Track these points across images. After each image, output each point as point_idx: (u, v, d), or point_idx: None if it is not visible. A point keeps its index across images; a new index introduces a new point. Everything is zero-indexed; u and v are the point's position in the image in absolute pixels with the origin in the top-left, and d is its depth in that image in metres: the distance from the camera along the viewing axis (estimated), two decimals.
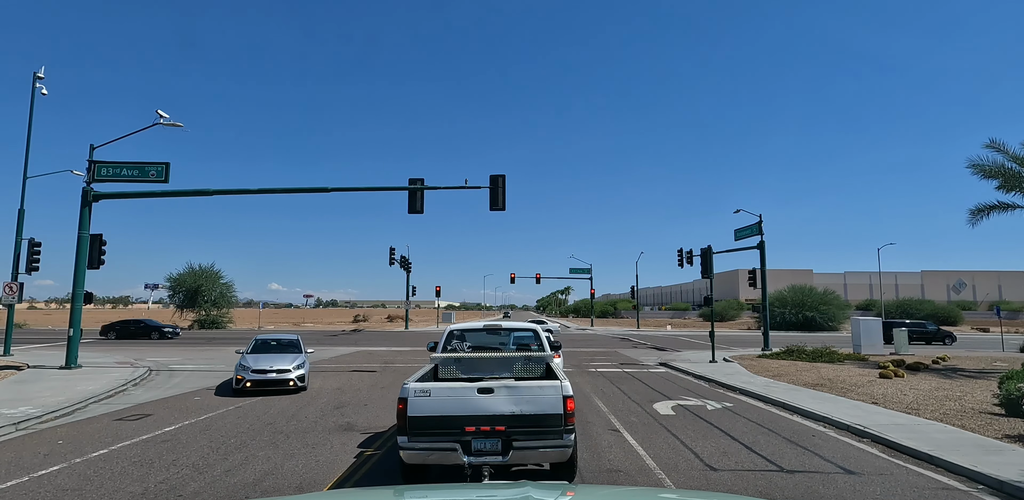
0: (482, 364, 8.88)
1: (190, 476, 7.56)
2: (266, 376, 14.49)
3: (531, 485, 2.79)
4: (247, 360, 15.06)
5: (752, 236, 30.75)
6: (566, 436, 6.42)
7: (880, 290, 60.42)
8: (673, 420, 11.49)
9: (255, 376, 14.48)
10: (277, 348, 16.50)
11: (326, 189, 21.90)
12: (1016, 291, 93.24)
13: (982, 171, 19.78)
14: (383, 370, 20.69)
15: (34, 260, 23.57)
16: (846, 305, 63.61)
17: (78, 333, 19.68)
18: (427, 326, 63.73)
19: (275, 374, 14.56)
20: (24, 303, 33.65)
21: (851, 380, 16.68)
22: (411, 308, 58.89)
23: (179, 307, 56.39)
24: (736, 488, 7.11)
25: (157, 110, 20.74)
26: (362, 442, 9.51)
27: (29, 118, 23.93)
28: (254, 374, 14.51)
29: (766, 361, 23.10)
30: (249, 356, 15.49)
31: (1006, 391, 11.87)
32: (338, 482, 7.35)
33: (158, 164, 20.23)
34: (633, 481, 7.39)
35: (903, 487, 7.18)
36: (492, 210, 21.11)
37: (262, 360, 15.07)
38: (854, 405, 12.72)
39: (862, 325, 27.24)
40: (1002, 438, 9.43)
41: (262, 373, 14.52)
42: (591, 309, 75.59)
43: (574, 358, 24.89)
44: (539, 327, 10.46)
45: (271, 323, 68.82)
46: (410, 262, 56.14)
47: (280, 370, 14.68)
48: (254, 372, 14.53)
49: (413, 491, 3.17)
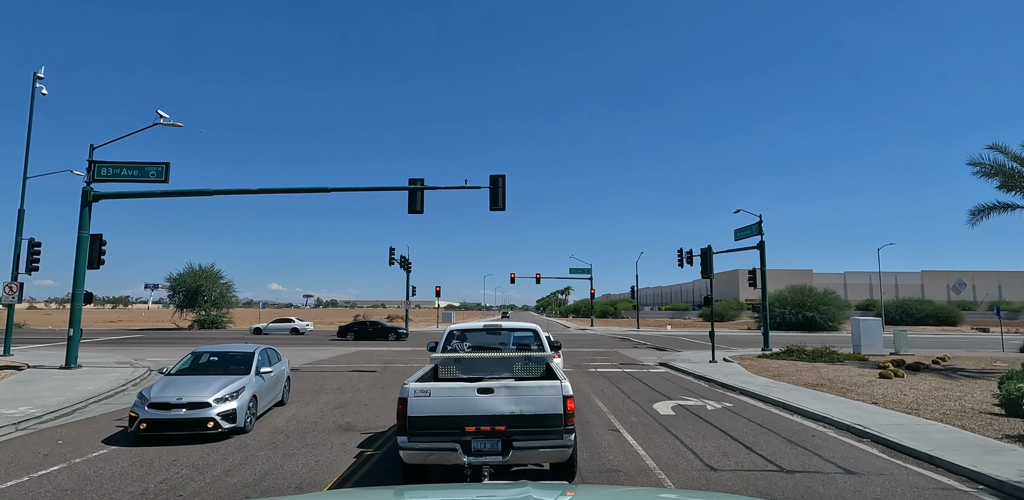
0: (482, 364, 8.88)
1: (190, 476, 7.56)
2: (169, 413, 9.43)
3: (531, 485, 2.79)
4: (152, 387, 10.24)
5: (752, 236, 30.73)
6: (566, 436, 6.43)
7: (880, 290, 60.24)
8: (673, 420, 11.49)
9: (153, 413, 9.44)
10: (215, 367, 11.57)
11: (326, 189, 21.89)
12: (1016, 291, 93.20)
13: (983, 170, 19.78)
14: (383, 370, 20.69)
15: (34, 260, 23.56)
16: (846, 305, 63.55)
17: (78, 333, 19.68)
18: (427, 326, 63.73)
19: (184, 410, 9.50)
20: (24, 303, 33.66)
21: (851, 380, 16.67)
22: (411, 308, 58.81)
23: (179, 307, 56.35)
24: (736, 488, 7.12)
25: (157, 110, 20.76)
26: (362, 442, 9.51)
27: (29, 118, 23.94)
28: (152, 410, 9.46)
29: (766, 361, 23.09)
30: (165, 380, 10.71)
31: (1006, 391, 11.87)
32: (338, 482, 7.35)
33: (158, 164, 20.22)
34: (633, 481, 7.39)
35: (903, 487, 7.18)
36: (492, 210, 21.09)
37: (173, 387, 10.13)
38: (854, 405, 12.72)
39: (862, 325, 27.22)
40: (1002, 438, 9.43)
41: (163, 408, 9.49)
42: (591, 309, 75.51)
43: (574, 358, 24.88)
44: (539, 327, 10.46)
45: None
46: (410, 262, 56.11)
47: (193, 404, 9.58)
48: (152, 408, 9.49)
49: (413, 491, 3.17)
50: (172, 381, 10.54)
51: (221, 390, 10.06)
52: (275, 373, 12.21)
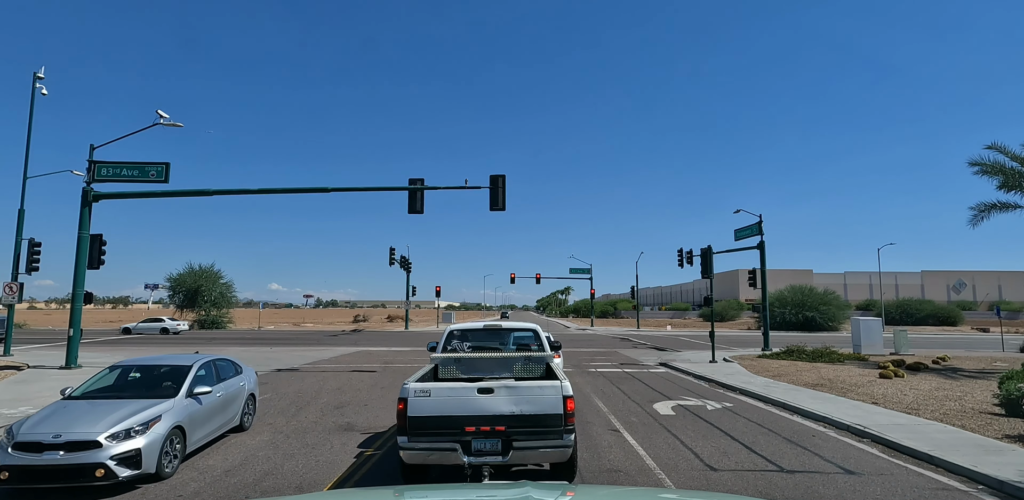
0: (482, 364, 8.88)
1: (190, 476, 7.56)
2: (40, 458, 6.62)
3: (531, 485, 2.80)
4: (30, 418, 7.44)
5: (752, 236, 30.73)
6: (566, 436, 6.43)
7: (880, 290, 60.31)
8: (673, 420, 11.48)
9: (18, 458, 6.64)
10: (136, 387, 8.72)
11: (326, 189, 21.90)
12: (1016, 291, 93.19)
13: (983, 169, 19.79)
14: (383, 370, 20.68)
15: (34, 260, 23.57)
16: (846, 305, 63.57)
17: (78, 333, 19.69)
18: (427, 326, 63.74)
19: (62, 453, 6.69)
20: (24, 303, 33.65)
21: (851, 380, 16.67)
22: (411, 308, 58.86)
23: (179, 307, 56.45)
24: (736, 488, 7.12)
25: (157, 110, 20.78)
26: (362, 442, 9.51)
27: (29, 118, 23.97)
28: (17, 454, 6.68)
29: (766, 361, 23.09)
30: (54, 406, 7.86)
31: (1006, 391, 11.87)
32: (338, 482, 7.35)
33: (158, 164, 20.23)
34: (633, 481, 7.39)
35: (903, 487, 7.18)
36: (492, 210, 21.10)
37: (57, 418, 7.31)
38: (854, 405, 12.72)
39: (862, 325, 27.22)
40: (1002, 438, 9.43)
41: (33, 450, 6.70)
42: (591, 309, 75.52)
43: (574, 358, 24.88)
44: (539, 327, 10.45)
45: (271, 323, 68.88)
46: (410, 262, 56.14)
47: (75, 444, 6.78)
48: (18, 449, 6.73)
49: (413, 491, 3.17)
50: (64, 408, 7.66)
51: (122, 422, 7.13)
52: (224, 393, 9.31)
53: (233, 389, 9.88)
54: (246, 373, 10.81)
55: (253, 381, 10.96)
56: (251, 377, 10.96)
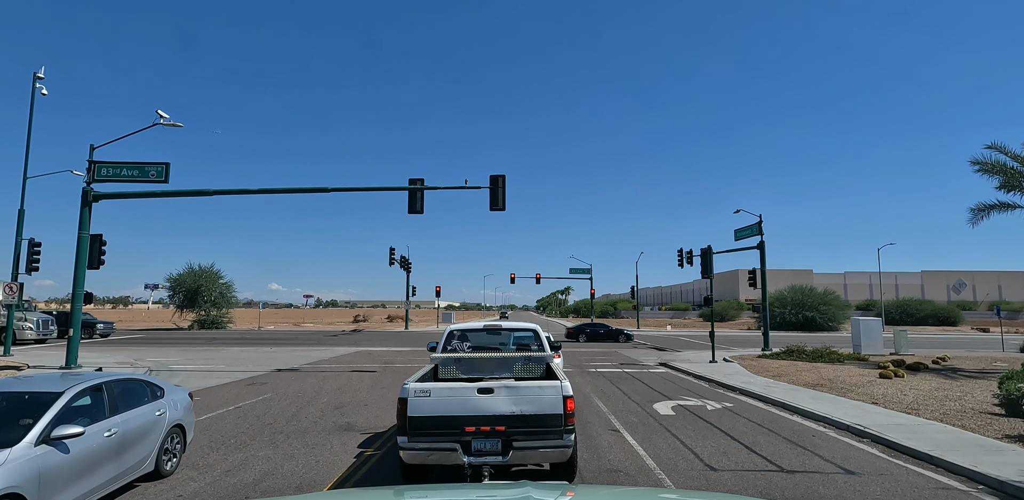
0: (482, 364, 8.88)
1: (190, 476, 7.56)
2: None
3: (531, 485, 2.79)
4: None
5: (752, 236, 30.75)
6: (566, 436, 6.43)
7: (880, 290, 60.38)
8: (673, 420, 11.49)
9: None
10: None
11: (326, 189, 21.89)
12: (1016, 291, 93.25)
13: (984, 168, 19.80)
14: (383, 370, 20.69)
15: (34, 260, 23.57)
16: (846, 305, 63.65)
17: (78, 333, 19.68)
18: (427, 326, 63.74)
19: None
20: (24, 303, 33.61)
21: (851, 380, 16.68)
22: (411, 308, 58.88)
23: (179, 307, 56.38)
24: (736, 488, 7.12)
25: (157, 110, 20.77)
26: (362, 442, 9.51)
27: (29, 118, 23.97)
28: None
29: (766, 361, 23.10)
30: None
31: (1006, 391, 11.88)
32: (338, 482, 7.35)
33: (158, 164, 20.22)
34: (633, 481, 7.40)
35: (903, 487, 7.18)
36: (492, 210, 21.09)
37: None
38: (854, 405, 12.72)
39: (862, 325, 27.23)
40: (1002, 438, 9.43)
41: None
42: (591, 309, 75.46)
43: (574, 358, 24.90)
44: (539, 327, 10.45)
45: (271, 323, 68.86)
46: (410, 262, 56.15)
47: None
48: None
49: (413, 491, 3.17)
50: None
51: None
52: (120, 430, 6.44)
53: (142, 421, 6.94)
54: (169, 397, 7.83)
55: (183, 406, 8.05)
56: (179, 401, 8.02)
